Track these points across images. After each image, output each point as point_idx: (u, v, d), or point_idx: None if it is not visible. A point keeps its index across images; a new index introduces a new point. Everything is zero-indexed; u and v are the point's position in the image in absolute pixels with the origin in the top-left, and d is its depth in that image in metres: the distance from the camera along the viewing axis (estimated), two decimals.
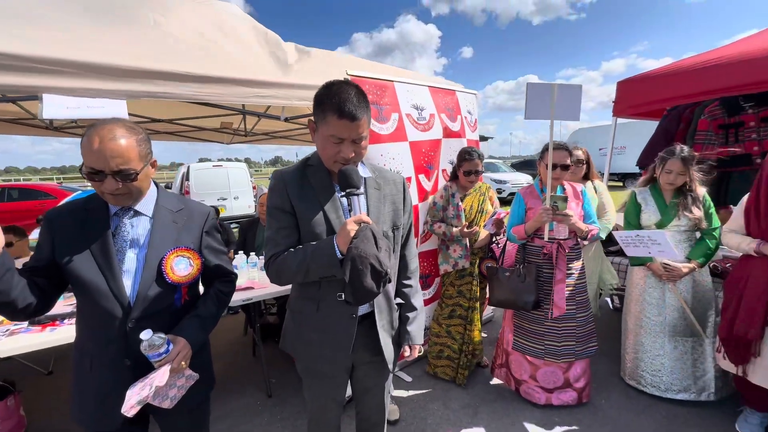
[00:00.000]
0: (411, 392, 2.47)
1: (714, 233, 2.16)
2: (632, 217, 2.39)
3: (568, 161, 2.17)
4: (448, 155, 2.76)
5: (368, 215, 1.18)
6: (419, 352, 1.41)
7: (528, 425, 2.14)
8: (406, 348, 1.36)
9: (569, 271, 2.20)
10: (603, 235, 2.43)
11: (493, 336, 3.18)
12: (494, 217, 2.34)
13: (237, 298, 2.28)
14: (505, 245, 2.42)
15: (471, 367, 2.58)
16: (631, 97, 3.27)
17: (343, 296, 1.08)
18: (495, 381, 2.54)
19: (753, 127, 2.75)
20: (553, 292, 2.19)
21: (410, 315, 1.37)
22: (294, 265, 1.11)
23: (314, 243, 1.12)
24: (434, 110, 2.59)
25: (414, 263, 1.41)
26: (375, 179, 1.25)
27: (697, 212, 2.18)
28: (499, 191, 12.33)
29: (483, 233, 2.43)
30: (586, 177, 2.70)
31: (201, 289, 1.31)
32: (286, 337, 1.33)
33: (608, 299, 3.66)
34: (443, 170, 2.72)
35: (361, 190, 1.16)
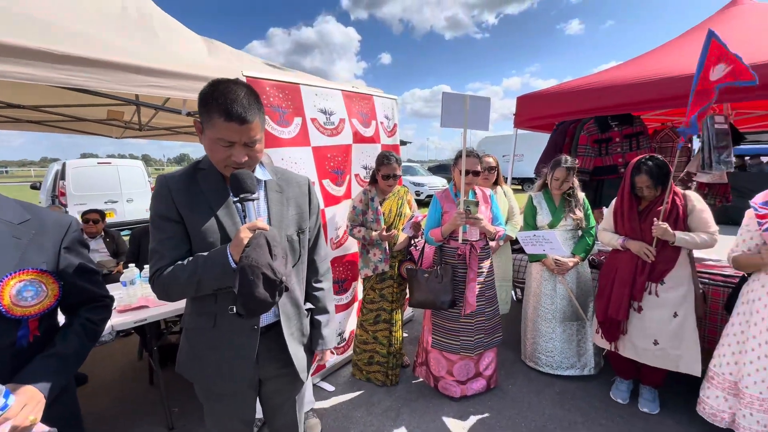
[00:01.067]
0: (334, 402, 2.41)
1: (591, 231, 2.54)
2: (530, 218, 2.69)
3: (479, 168, 2.35)
4: (360, 160, 2.75)
5: (270, 220, 1.12)
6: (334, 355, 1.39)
7: (447, 420, 2.24)
8: (321, 353, 1.33)
9: (480, 270, 2.37)
10: (514, 235, 2.68)
11: (414, 335, 3.29)
12: (412, 221, 2.41)
13: (128, 319, 1.96)
14: (423, 248, 2.51)
15: (399, 365, 2.63)
16: (528, 111, 3.68)
17: (234, 309, 1.00)
18: (416, 379, 2.62)
19: (618, 142, 3.32)
20: (467, 290, 2.33)
21: (323, 319, 1.34)
22: (183, 279, 0.99)
23: (206, 253, 1.02)
24: (345, 115, 2.56)
25: (324, 266, 1.37)
26: (276, 182, 1.18)
27: (579, 213, 2.54)
28: (417, 194, 12.91)
29: (402, 236, 2.48)
30: (496, 182, 2.96)
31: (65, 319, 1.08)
32: (182, 359, 1.18)
33: (512, 292, 4.08)
34: (356, 175, 2.72)
35: (257, 194, 1.08)
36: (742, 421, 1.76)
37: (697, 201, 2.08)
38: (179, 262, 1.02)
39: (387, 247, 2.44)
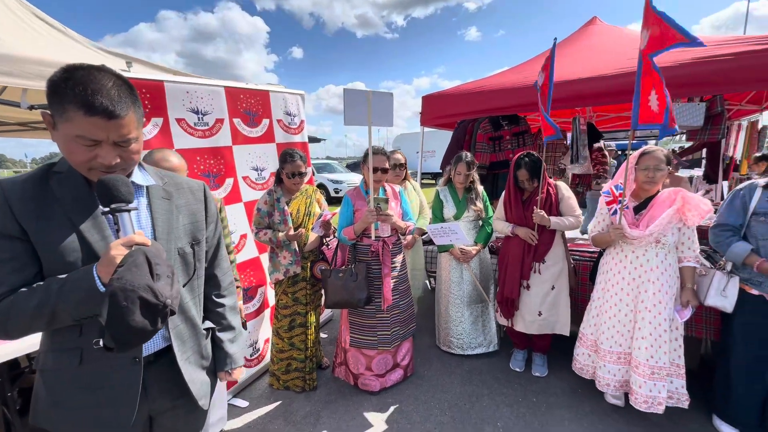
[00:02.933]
0: (248, 419, 2.26)
1: (489, 221, 2.81)
2: (437, 211, 2.86)
3: (387, 165, 2.40)
4: (248, 162, 2.58)
5: (155, 232, 0.98)
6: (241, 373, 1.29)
7: (367, 415, 2.27)
8: (227, 374, 1.22)
9: (393, 265, 2.45)
10: (427, 228, 2.80)
11: (334, 336, 3.26)
12: (320, 220, 2.36)
13: None
14: (336, 247, 2.49)
15: (315, 369, 2.58)
16: (432, 110, 3.91)
17: (101, 342, 0.82)
18: (336, 380, 2.61)
19: (508, 139, 3.72)
20: (383, 285, 2.39)
21: (228, 336, 1.22)
22: (29, 309, 0.81)
23: (63, 276, 0.84)
24: (225, 115, 2.38)
25: (227, 279, 1.26)
26: (163, 187, 1.04)
27: (479, 205, 2.78)
28: (336, 191, 12.82)
29: (312, 236, 2.43)
30: (404, 178, 3.07)
31: None
32: (38, 407, 0.97)
33: (427, 282, 4.31)
34: (244, 177, 2.57)
35: (136, 203, 0.94)
36: (599, 372, 2.14)
37: (565, 190, 2.44)
38: (23, 290, 0.82)
39: (297, 249, 2.35)
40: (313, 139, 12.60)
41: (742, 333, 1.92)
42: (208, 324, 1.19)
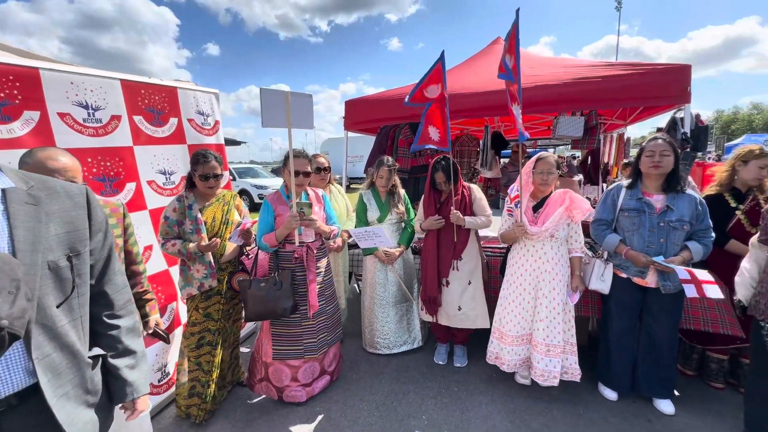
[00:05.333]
0: None
1: (411, 222, 2.92)
2: (361, 215, 2.89)
3: (309, 168, 2.35)
4: (154, 165, 2.34)
5: (14, 241, 0.83)
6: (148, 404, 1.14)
7: (294, 428, 2.19)
8: (129, 405, 1.07)
9: (318, 270, 2.40)
10: (351, 231, 2.80)
11: None
12: (239, 228, 2.22)
13: None
14: (257, 255, 2.36)
15: (223, 394, 2.39)
16: (355, 115, 3.95)
17: None
18: (258, 397, 2.46)
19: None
20: (308, 291, 2.33)
21: (127, 362, 1.07)
22: None
23: None
24: (123, 111, 2.14)
25: (122, 297, 1.10)
26: (28, 191, 0.88)
27: (402, 208, 2.88)
28: (260, 197, 12.17)
29: (230, 246, 2.27)
30: (328, 182, 3.05)
31: None
32: None
33: (356, 285, 4.32)
34: (150, 182, 2.32)
35: None
36: (503, 354, 2.38)
37: (477, 192, 2.66)
38: None
39: (212, 260, 2.17)
40: (233, 142, 11.81)
41: (616, 310, 2.29)
42: (97, 351, 1.02)
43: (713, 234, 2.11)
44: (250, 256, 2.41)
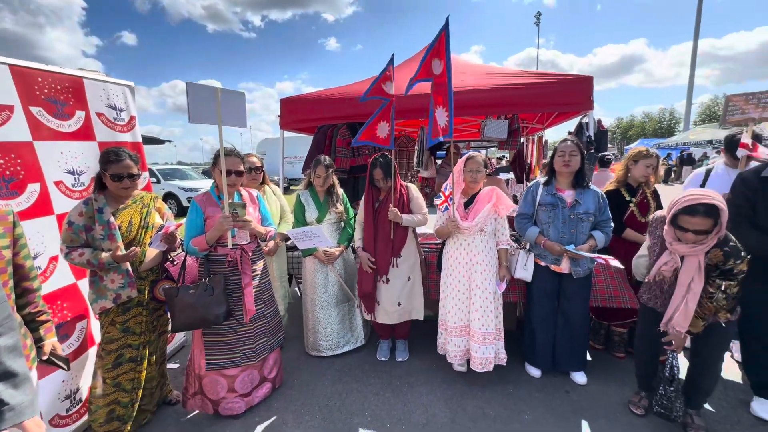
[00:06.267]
0: None
1: (351, 222, 2.93)
2: (299, 215, 2.83)
3: (241, 167, 2.24)
4: (61, 163, 2.09)
5: None
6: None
7: None
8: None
9: (254, 273, 2.30)
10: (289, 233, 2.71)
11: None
12: (161, 232, 2.04)
13: None
14: (184, 261, 2.19)
15: (147, 416, 2.19)
16: (292, 114, 3.85)
17: None
18: (190, 413, 2.29)
19: (366, 145, 3.96)
20: (244, 296, 2.22)
21: (7, 384, 0.95)
22: None
23: None
24: (17, 101, 1.87)
25: None
26: None
27: (340, 207, 2.87)
28: (189, 200, 11.27)
29: (151, 252, 2.08)
30: (263, 182, 2.93)
31: None
32: None
33: (297, 288, 4.21)
34: (57, 182, 2.07)
35: None
36: (448, 347, 2.50)
37: (414, 190, 2.75)
38: None
39: (130, 269, 1.97)
40: (155, 140, 10.77)
41: (537, 295, 2.53)
42: None
43: (612, 224, 2.43)
44: (175, 263, 2.23)
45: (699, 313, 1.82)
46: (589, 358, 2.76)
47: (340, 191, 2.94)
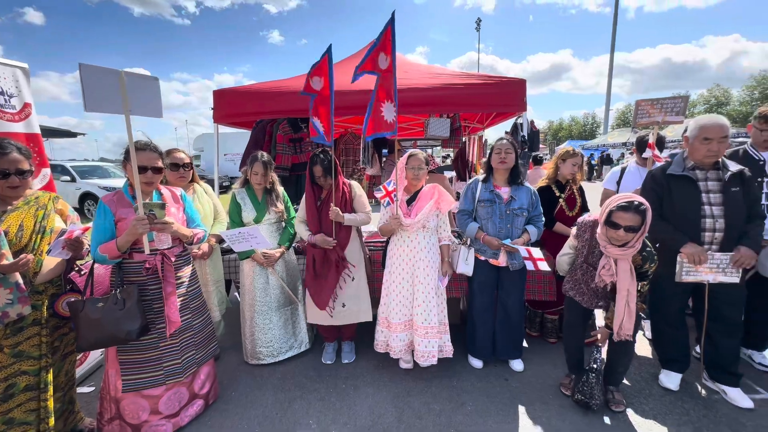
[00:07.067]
0: None
1: (292, 221, 2.79)
2: (235, 216, 2.63)
3: (160, 163, 2.01)
4: None
5: None
6: None
7: None
8: None
9: (179, 281, 2.08)
10: (223, 234, 2.50)
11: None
12: (63, 237, 1.76)
13: None
14: (92, 270, 1.91)
15: None
16: (226, 107, 3.58)
17: None
18: None
19: (308, 141, 3.83)
20: (166, 307, 1.99)
21: None
22: None
23: None
24: None
25: None
26: None
27: (281, 206, 2.72)
28: None
29: (50, 262, 1.78)
30: (192, 180, 2.68)
31: None
32: None
33: (237, 294, 3.94)
34: None
35: None
36: (391, 342, 2.48)
37: (357, 188, 2.69)
38: None
39: (20, 281, 1.67)
40: (65, 133, 9.52)
41: (478, 289, 2.61)
42: None
43: (543, 218, 2.57)
44: (83, 273, 1.94)
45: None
46: (525, 345, 2.92)
47: (281, 189, 2.78)
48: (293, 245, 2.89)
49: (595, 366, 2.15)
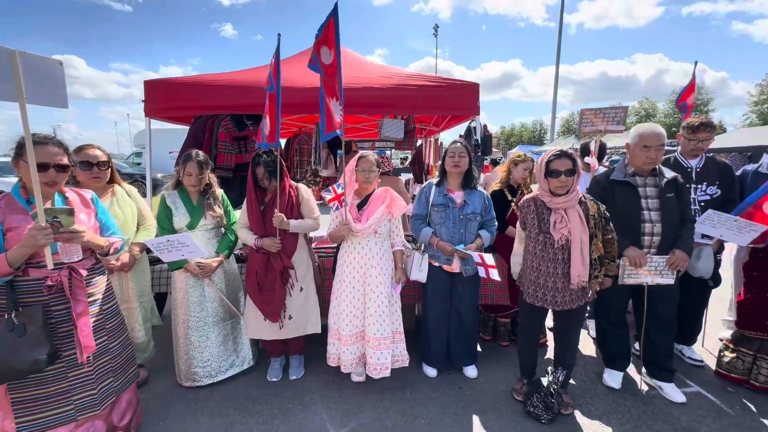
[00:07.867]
0: None
1: (232, 227, 2.54)
2: (165, 221, 2.34)
3: (65, 160, 1.70)
4: None
5: None
6: None
7: None
8: None
9: (92, 298, 1.79)
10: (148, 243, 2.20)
11: None
12: None
13: None
14: None
15: None
16: (160, 100, 3.23)
17: None
18: None
19: (254, 140, 3.56)
20: (77, 330, 1.69)
21: None
22: None
23: None
24: None
25: None
26: None
27: (219, 211, 2.46)
28: None
29: None
30: (111, 181, 2.34)
31: None
32: None
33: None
34: None
35: None
36: (342, 357, 2.34)
37: (305, 192, 2.51)
38: None
39: None
40: None
41: (432, 295, 2.54)
42: None
43: (496, 222, 2.56)
44: None
45: (608, 256, 2.12)
46: (479, 349, 2.90)
47: (219, 192, 2.53)
48: (235, 252, 2.64)
49: (552, 387, 2.13)
